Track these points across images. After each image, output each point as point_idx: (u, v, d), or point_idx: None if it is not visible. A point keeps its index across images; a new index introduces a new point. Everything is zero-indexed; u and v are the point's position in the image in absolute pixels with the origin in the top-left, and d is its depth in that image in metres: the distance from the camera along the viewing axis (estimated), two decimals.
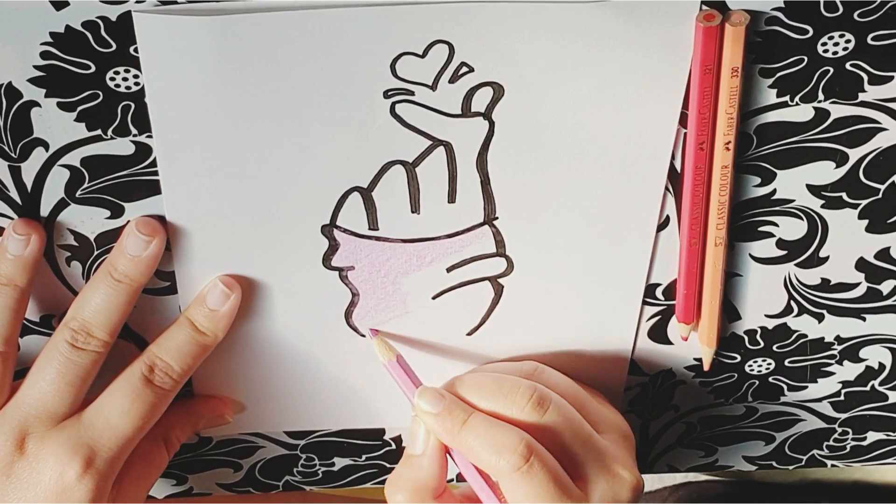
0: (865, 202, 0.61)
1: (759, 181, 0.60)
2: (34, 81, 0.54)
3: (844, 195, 0.60)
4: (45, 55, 0.53)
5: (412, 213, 0.60)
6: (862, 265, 0.64)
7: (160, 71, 0.54)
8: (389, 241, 0.61)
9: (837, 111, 0.57)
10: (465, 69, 0.55)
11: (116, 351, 0.61)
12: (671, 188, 0.60)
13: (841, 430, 0.73)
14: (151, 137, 0.56)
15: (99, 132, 0.56)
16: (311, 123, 0.56)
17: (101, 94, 0.54)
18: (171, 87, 0.54)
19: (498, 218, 0.61)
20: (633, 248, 0.62)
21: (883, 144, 0.59)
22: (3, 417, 0.60)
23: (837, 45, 0.54)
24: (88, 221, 0.59)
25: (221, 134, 0.56)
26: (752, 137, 0.58)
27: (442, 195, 0.59)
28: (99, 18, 0.52)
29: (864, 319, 0.66)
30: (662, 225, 0.61)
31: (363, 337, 0.65)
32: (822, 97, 0.57)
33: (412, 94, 0.55)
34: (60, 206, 0.58)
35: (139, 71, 0.54)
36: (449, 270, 0.63)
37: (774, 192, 0.60)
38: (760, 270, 0.63)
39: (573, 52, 0.54)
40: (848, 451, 0.74)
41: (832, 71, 0.55)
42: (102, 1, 0.51)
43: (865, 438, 0.73)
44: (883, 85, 0.56)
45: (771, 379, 0.69)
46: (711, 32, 0.53)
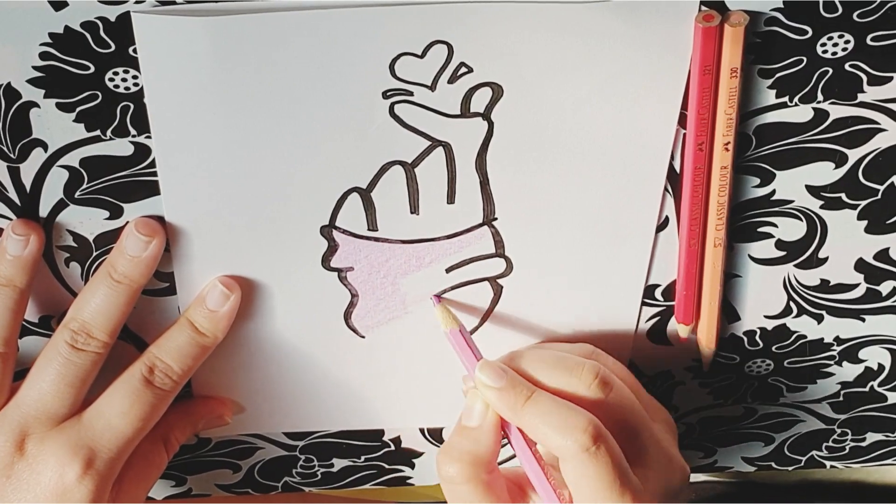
0: (865, 203, 0.61)
1: (758, 182, 0.60)
2: (33, 82, 0.54)
3: (844, 196, 0.60)
4: (44, 56, 0.53)
5: (411, 213, 0.60)
6: (861, 266, 0.64)
7: (159, 71, 0.54)
8: (389, 241, 0.61)
9: (837, 112, 0.57)
10: (464, 69, 0.55)
11: (115, 352, 0.61)
12: (670, 189, 0.60)
13: (840, 431, 0.73)
14: (150, 138, 0.56)
15: (98, 133, 0.56)
16: (310, 124, 0.56)
17: (100, 94, 0.54)
18: (170, 87, 0.54)
19: (497, 218, 0.61)
20: (632, 248, 0.62)
21: (882, 145, 0.59)
22: (2, 418, 0.60)
23: (837, 45, 0.54)
24: (87, 222, 0.59)
25: (220, 134, 0.56)
26: (751, 138, 0.58)
27: (441, 196, 0.59)
28: (98, 19, 0.52)
29: (863, 320, 0.66)
30: (662, 226, 0.61)
31: (362, 338, 0.65)
32: (821, 98, 0.57)
33: (411, 94, 0.55)
34: (59, 206, 0.58)
35: (138, 71, 0.54)
36: (448, 271, 0.63)
37: (774, 192, 0.60)
38: (760, 271, 0.63)
39: (572, 52, 0.54)
40: (847, 451, 0.74)
41: (831, 71, 0.55)
42: (101, 1, 0.51)
43: (865, 439, 0.73)
44: (882, 85, 0.56)
45: (770, 380, 0.69)
46: (711, 33, 0.53)
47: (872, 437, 0.73)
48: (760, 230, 0.62)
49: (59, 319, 0.62)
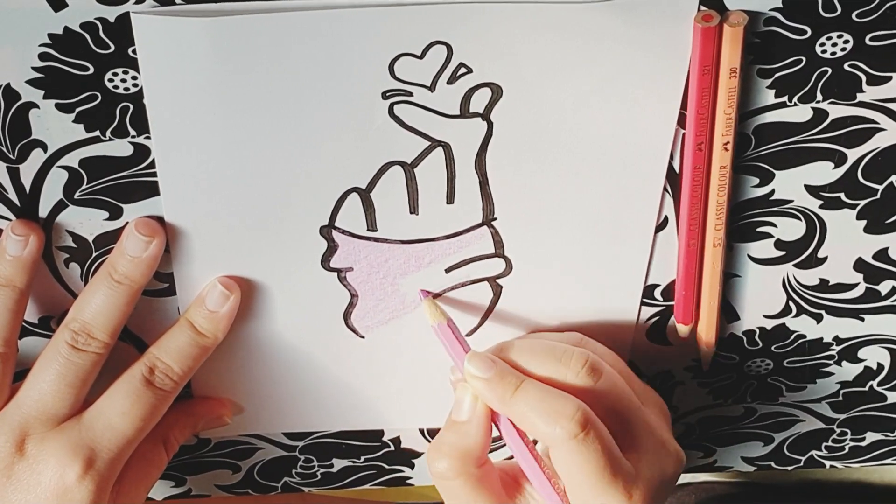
0: (864, 202, 0.61)
1: (757, 182, 0.60)
2: (32, 83, 0.54)
3: (843, 195, 0.60)
4: (43, 56, 0.53)
5: (411, 213, 0.60)
6: (860, 266, 0.64)
7: (158, 72, 0.54)
8: (388, 241, 0.61)
9: (836, 111, 0.57)
10: (463, 70, 0.55)
11: (114, 353, 0.61)
12: (670, 189, 0.60)
13: (839, 430, 0.73)
14: (150, 139, 0.56)
15: (97, 133, 0.56)
16: (309, 124, 0.56)
17: (99, 95, 0.54)
18: (169, 88, 0.54)
19: (496, 219, 0.61)
20: (631, 248, 0.62)
21: (881, 145, 0.59)
22: (3, 419, 0.60)
23: (836, 45, 0.54)
24: (87, 223, 0.59)
25: (220, 135, 0.56)
26: (750, 138, 0.58)
27: (440, 196, 0.59)
28: (97, 20, 0.52)
29: (862, 320, 0.66)
30: (661, 225, 0.61)
31: (362, 338, 0.65)
32: (820, 97, 0.57)
33: (411, 94, 0.55)
34: (59, 207, 0.58)
35: (137, 72, 0.54)
36: (448, 271, 0.63)
37: (773, 192, 0.60)
38: (759, 271, 0.63)
39: (571, 52, 0.54)
40: (847, 451, 0.74)
41: (830, 71, 0.56)
42: (101, 2, 0.51)
43: (864, 439, 0.73)
44: (881, 85, 0.56)
45: (770, 379, 0.69)
46: (710, 33, 0.53)
47: (872, 436, 0.73)
48: (760, 230, 0.62)
49: (58, 320, 0.62)
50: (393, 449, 0.72)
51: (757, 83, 0.56)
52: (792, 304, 0.65)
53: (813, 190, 0.60)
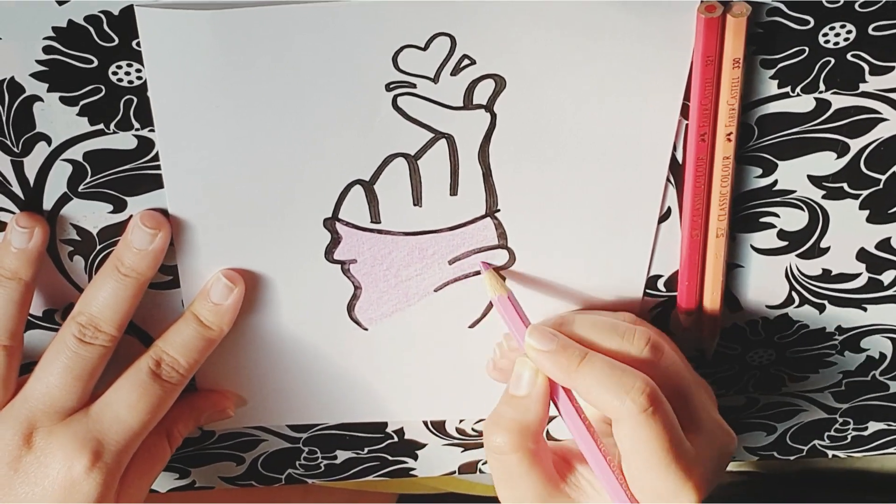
0: (866, 193, 0.61)
1: (760, 172, 0.60)
2: (37, 76, 0.54)
3: (845, 186, 0.61)
4: (47, 50, 0.53)
5: (414, 205, 0.60)
6: (863, 255, 0.64)
7: (162, 65, 0.54)
8: (391, 233, 0.61)
9: (838, 102, 0.57)
10: (466, 62, 0.55)
11: (119, 346, 0.61)
12: (672, 179, 0.60)
13: (842, 420, 0.73)
14: (154, 132, 0.56)
15: (101, 126, 0.56)
16: (313, 117, 0.56)
17: (103, 88, 0.54)
18: (173, 81, 0.54)
19: (500, 210, 0.61)
20: (634, 239, 0.62)
21: (884, 135, 0.59)
22: (10, 412, 0.60)
23: (839, 35, 0.55)
24: (91, 216, 0.59)
25: (223, 128, 0.56)
26: (753, 128, 0.58)
27: (444, 188, 0.59)
28: (101, 13, 0.52)
29: (865, 310, 0.66)
30: (664, 216, 0.61)
31: (365, 330, 0.65)
32: (823, 88, 0.57)
33: (414, 86, 0.55)
34: (63, 200, 0.58)
35: (141, 65, 0.54)
36: (451, 263, 0.63)
37: (776, 182, 0.60)
38: (762, 261, 0.64)
39: (574, 43, 0.54)
40: (849, 441, 0.74)
41: (833, 61, 0.56)
42: None
43: (866, 428, 0.74)
44: (884, 75, 0.56)
45: (772, 369, 0.69)
46: (713, 24, 0.53)
47: (874, 426, 0.73)
48: (762, 220, 0.62)
49: (62, 313, 0.62)
50: (396, 440, 0.72)
51: (760, 73, 0.56)
52: (795, 294, 0.65)
53: (816, 180, 0.60)
